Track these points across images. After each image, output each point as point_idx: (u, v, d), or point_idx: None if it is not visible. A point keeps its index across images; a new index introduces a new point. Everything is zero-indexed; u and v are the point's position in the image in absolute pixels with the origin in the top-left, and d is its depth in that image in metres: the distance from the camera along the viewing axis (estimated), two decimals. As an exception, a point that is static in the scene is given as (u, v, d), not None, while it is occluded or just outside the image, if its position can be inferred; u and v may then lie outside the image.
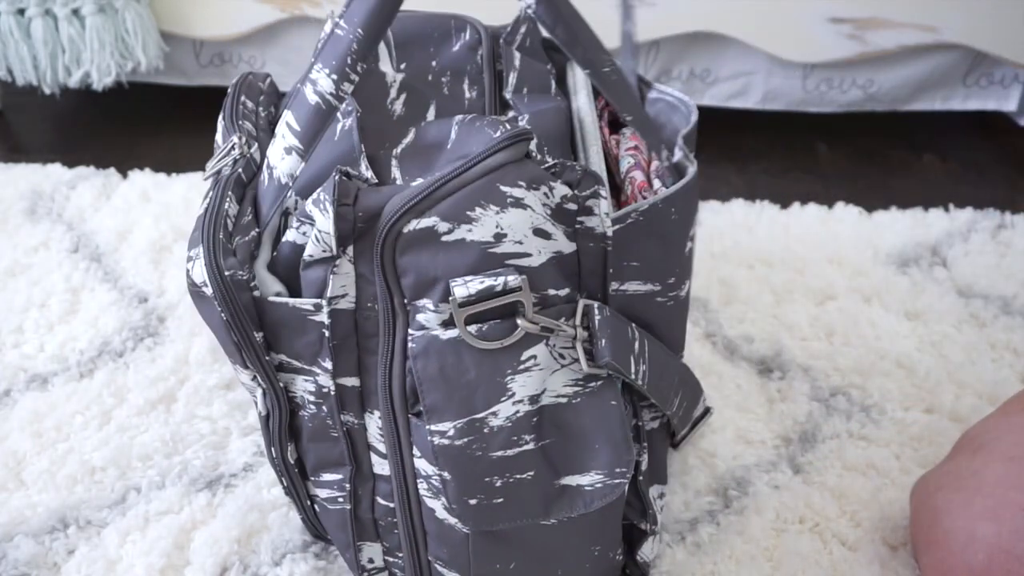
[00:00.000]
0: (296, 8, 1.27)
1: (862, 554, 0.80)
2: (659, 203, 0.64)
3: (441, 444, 0.62)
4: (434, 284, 0.59)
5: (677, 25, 1.23)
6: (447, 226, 0.58)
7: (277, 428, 0.67)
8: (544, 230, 0.60)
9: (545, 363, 0.62)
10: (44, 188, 1.22)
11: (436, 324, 0.60)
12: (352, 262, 0.61)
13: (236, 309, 0.61)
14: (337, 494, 0.70)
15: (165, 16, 1.29)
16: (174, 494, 0.85)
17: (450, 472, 0.62)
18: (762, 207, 1.18)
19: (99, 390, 0.94)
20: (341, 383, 0.65)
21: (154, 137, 1.38)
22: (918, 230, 1.14)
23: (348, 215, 0.59)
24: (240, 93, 0.74)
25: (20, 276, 1.09)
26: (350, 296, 0.62)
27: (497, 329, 0.60)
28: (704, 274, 1.08)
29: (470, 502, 0.63)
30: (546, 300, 0.61)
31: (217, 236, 0.61)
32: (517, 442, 0.62)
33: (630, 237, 0.63)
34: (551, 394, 0.63)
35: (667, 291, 0.67)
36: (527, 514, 0.64)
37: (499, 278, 0.59)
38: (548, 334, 0.61)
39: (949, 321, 1.02)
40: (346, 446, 0.67)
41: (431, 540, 0.68)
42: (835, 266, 1.09)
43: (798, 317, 1.02)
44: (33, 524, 0.83)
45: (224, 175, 0.66)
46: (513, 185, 0.59)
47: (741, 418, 0.91)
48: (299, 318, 0.62)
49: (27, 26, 1.25)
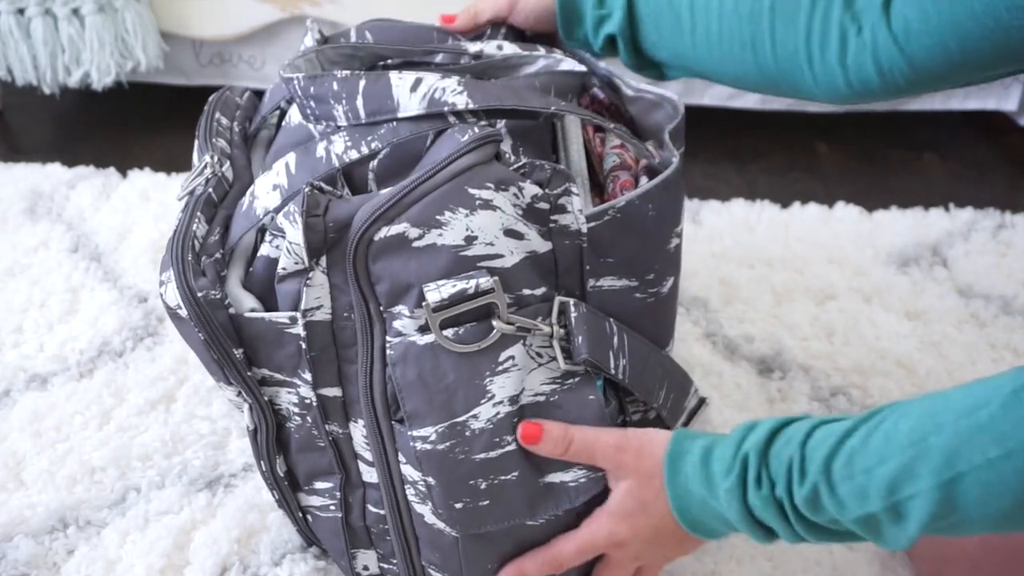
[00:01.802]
0: (296, 8, 1.26)
1: (862, 554, 0.80)
2: (636, 199, 0.64)
3: (424, 449, 0.62)
4: (408, 290, 0.60)
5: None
6: (417, 232, 0.58)
7: (265, 442, 0.67)
8: (516, 230, 0.60)
9: (523, 363, 0.62)
10: (44, 188, 1.22)
11: (413, 330, 0.60)
12: (325, 273, 0.61)
13: (212, 328, 0.61)
14: (329, 502, 0.70)
15: (165, 16, 1.29)
16: (174, 494, 0.85)
17: (434, 477, 0.62)
18: (762, 207, 1.18)
19: (99, 390, 0.94)
20: (323, 394, 0.65)
21: (154, 137, 1.37)
22: (918, 230, 1.14)
23: (318, 226, 0.59)
24: (215, 110, 0.74)
25: (20, 276, 1.09)
26: (326, 307, 0.62)
27: (473, 332, 0.60)
28: (704, 274, 1.08)
29: (456, 506, 0.63)
30: (522, 300, 0.61)
31: (186, 258, 0.61)
32: (499, 443, 0.62)
33: (607, 234, 0.63)
34: (529, 393, 0.63)
35: (646, 287, 0.67)
36: (513, 515, 0.64)
37: (471, 281, 0.59)
38: (525, 334, 0.61)
39: (949, 321, 1.01)
40: (334, 455, 0.67)
41: (423, 545, 0.68)
42: (835, 266, 1.09)
43: (798, 317, 1.02)
44: (33, 524, 0.82)
45: (196, 195, 0.66)
46: (481, 187, 0.59)
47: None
48: (276, 332, 0.62)
49: (27, 26, 1.25)
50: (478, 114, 0.64)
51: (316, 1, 1.26)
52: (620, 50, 0.78)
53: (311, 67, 0.73)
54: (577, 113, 0.67)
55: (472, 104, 0.63)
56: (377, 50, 0.74)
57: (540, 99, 0.66)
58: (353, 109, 0.65)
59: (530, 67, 0.72)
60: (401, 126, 0.65)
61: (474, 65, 0.71)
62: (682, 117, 0.73)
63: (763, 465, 0.58)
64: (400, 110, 0.64)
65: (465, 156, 0.60)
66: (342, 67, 0.74)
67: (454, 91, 0.63)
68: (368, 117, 0.65)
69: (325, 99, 0.66)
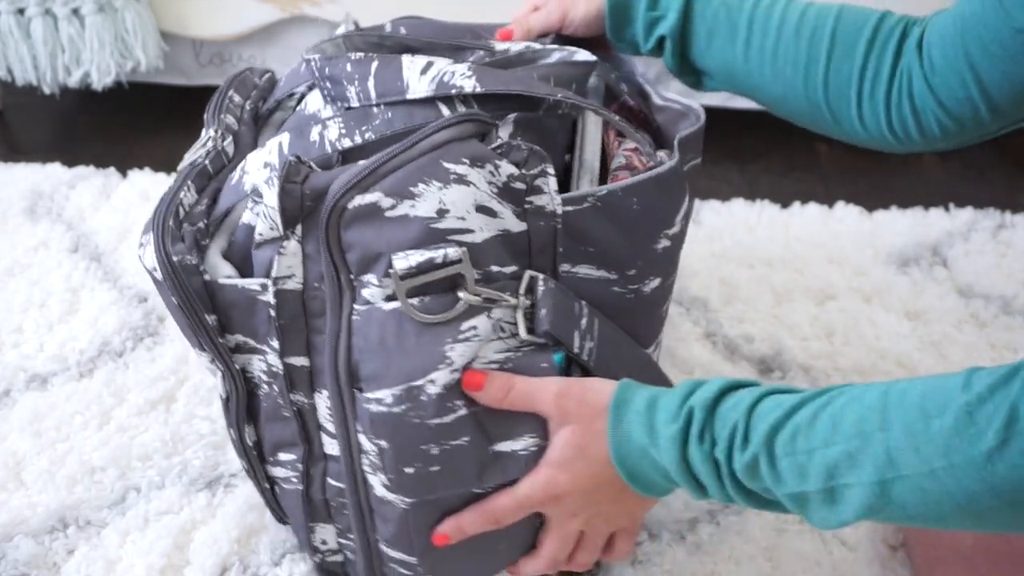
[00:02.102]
0: (296, 8, 1.26)
1: (862, 554, 0.80)
2: (619, 191, 0.65)
3: (378, 412, 0.62)
4: (378, 259, 0.60)
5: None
6: (390, 201, 0.59)
7: (235, 410, 0.68)
8: (489, 208, 0.61)
9: (485, 334, 0.62)
10: (44, 188, 1.22)
11: (380, 299, 0.61)
12: (300, 242, 0.62)
13: (186, 292, 0.62)
14: (291, 474, 0.71)
15: (165, 16, 1.29)
16: (174, 494, 0.85)
17: (387, 440, 0.63)
18: (762, 207, 1.18)
19: (99, 390, 0.94)
20: (290, 363, 0.65)
21: (154, 137, 1.37)
22: (918, 230, 1.14)
23: (295, 192, 0.60)
24: (230, 87, 0.76)
25: (20, 276, 1.09)
26: (297, 277, 0.63)
27: (439, 302, 0.61)
28: (704, 274, 1.08)
29: (407, 471, 0.64)
30: (490, 276, 0.62)
31: (167, 223, 0.63)
32: (452, 408, 0.63)
33: (586, 221, 0.64)
34: (481, 360, 0.63)
35: (626, 283, 0.67)
36: (463, 481, 0.64)
37: (439, 251, 0.60)
38: (491, 305, 0.62)
39: (949, 321, 1.01)
40: (298, 426, 0.68)
41: (377, 520, 0.69)
42: (835, 266, 1.09)
43: (798, 317, 1.02)
44: (33, 524, 0.82)
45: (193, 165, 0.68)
46: (456, 162, 0.60)
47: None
48: (248, 299, 0.63)
49: (27, 26, 1.25)
50: (483, 101, 0.65)
51: (316, 1, 1.26)
52: (667, 52, 0.79)
53: (337, 51, 0.74)
54: (580, 103, 0.67)
55: (480, 88, 0.64)
56: (406, 42, 0.75)
57: (545, 88, 0.67)
58: (365, 90, 0.66)
59: (546, 59, 0.73)
60: (396, 117, 0.65)
61: (493, 60, 0.72)
62: (700, 125, 0.74)
63: (708, 423, 0.59)
64: (409, 92, 0.65)
65: (444, 131, 0.61)
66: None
67: (463, 75, 0.64)
68: (379, 98, 0.66)
69: (339, 80, 0.67)
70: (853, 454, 0.54)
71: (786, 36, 0.74)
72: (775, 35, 0.74)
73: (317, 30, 1.28)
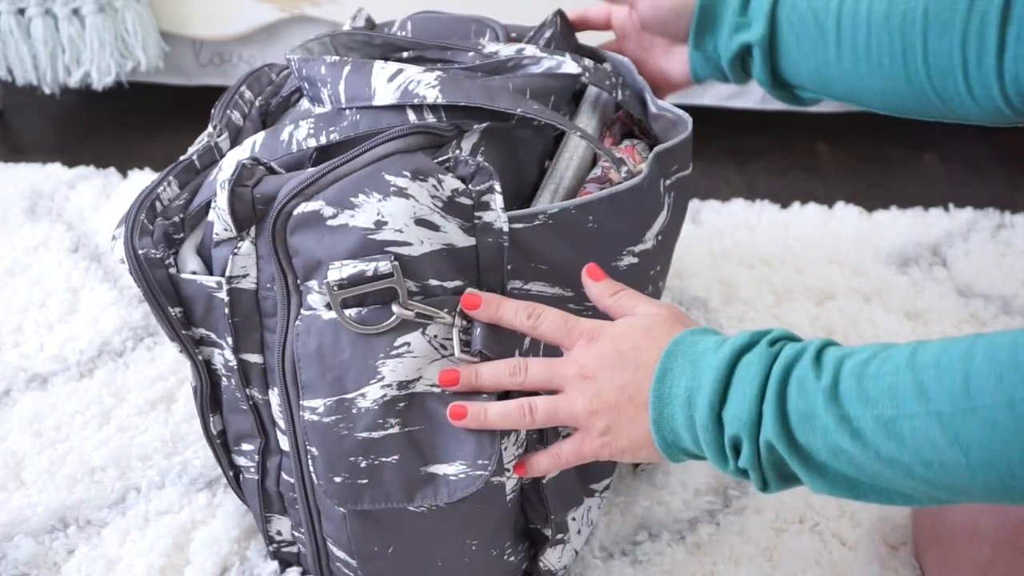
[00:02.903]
0: (296, 8, 1.27)
1: (862, 553, 0.80)
2: (572, 208, 0.64)
3: (311, 420, 0.63)
4: (319, 267, 0.61)
5: (677, 25, 1.23)
6: (332, 210, 0.60)
7: (200, 399, 0.70)
8: (430, 221, 0.61)
9: (420, 351, 0.62)
10: (44, 188, 1.22)
11: (321, 306, 0.62)
12: (254, 243, 0.63)
13: (150, 284, 0.64)
14: (251, 464, 0.72)
15: (165, 16, 1.29)
16: (174, 494, 0.85)
17: (317, 448, 0.64)
18: (762, 207, 1.18)
19: (99, 390, 0.94)
20: (244, 359, 0.67)
21: (154, 137, 1.38)
22: (918, 230, 1.14)
23: (246, 196, 0.62)
24: (243, 84, 0.77)
25: (20, 276, 1.09)
26: (251, 276, 0.64)
27: (374, 315, 0.61)
28: (704, 274, 1.08)
29: (335, 479, 0.64)
30: (428, 290, 0.62)
31: (139, 217, 0.65)
32: (383, 425, 0.63)
33: (537, 238, 0.63)
34: (426, 382, 0.63)
35: (582, 299, 0.66)
36: (391, 497, 0.64)
37: (371, 264, 0.60)
38: (426, 321, 0.62)
39: (949, 321, 1.01)
40: (255, 419, 0.69)
41: (324, 518, 0.70)
42: (835, 266, 1.09)
43: (798, 317, 1.02)
44: (33, 524, 0.82)
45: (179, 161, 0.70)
46: (397, 175, 0.60)
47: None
48: (206, 295, 0.65)
49: (27, 26, 1.25)
50: (445, 109, 0.65)
51: (316, 1, 1.26)
52: (755, 63, 0.77)
53: (323, 50, 0.75)
54: (544, 116, 0.67)
55: (441, 99, 0.64)
56: (396, 42, 0.75)
57: (510, 100, 0.66)
58: (336, 94, 0.67)
59: (533, 68, 0.72)
60: (363, 120, 0.66)
61: (479, 64, 0.71)
62: (686, 135, 0.73)
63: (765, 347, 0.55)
64: (375, 98, 0.66)
65: (389, 143, 0.62)
66: (359, 54, 0.75)
67: (428, 84, 0.65)
68: (348, 102, 0.67)
69: (314, 81, 0.69)
70: (924, 384, 0.49)
71: (876, 27, 0.71)
72: (865, 28, 0.71)
73: (317, 30, 1.28)
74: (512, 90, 0.68)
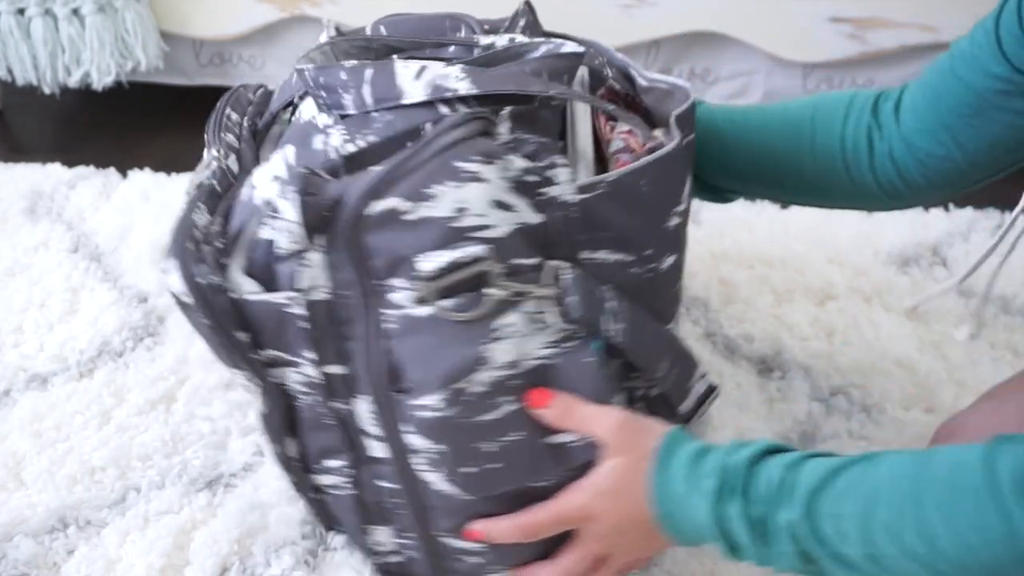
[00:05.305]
0: (296, 8, 1.27)
1: (862, 554, 0.79)
2: (627, 174, 0.66)
3: (429, 417, 0.63)
4: (402, 263, 0.61)
5: (678, 25, 1.23)
6: (408, 205, 0.60)
7: (277, 424, 0.69)
8: (505, 202, 0.62)
9: (520, 328, 0.63)
10: (44, 188, 1.22)
11: (409, 302, 0.62)
12: (322, 252, 0.62)
13: (216, 313, 0.63)
14: (341, 480, 0.71)
15: (165, 16, 1.29)
16: (174, 494, 0.85)
17: (444, 443, 0.64)
18: (762, 206, 1.18)
19: (99, 390, 0.94)
20: (327, 371, 0.66)
21: (154, 137, 1.37)
22: (918, 230, 1.14)
23: (313, 204, 0.61)
24: (226, 107, 0.76)
25: (20, 276, 1.09)
26: (323, 286, 0.63)
27: (469, 301, 0.62)
28: (704, 274, 1.08)
29: (467, 471, 0.65)
30: (514, 269, 0.63)
31: (186, 246, 0.63)
32: (500, 406, 0.64)
33: (599, 207, 0.65)
34: (530, 358, 0.64)
35: (643, 263, 0.68)
36: (522, 476, 0.65)
37: (463, 250, 0.60)
38: (520, 299, 0.63)
39: (949, 321, 1.01)
40: (342, 432, 0.69)
41: (436, 514, 0.69)
42: (835, 266, 1.09)
43: (798, 317, 1.02)
44: (33, 524, 0.83)
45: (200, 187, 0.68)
46: (468, 160, 0.61)
47: (741, 417, 0.91)
48: (277, 312, 0.64)
49: (27, 26, 1.25)
50: (478, 100, 0.65)
51: (316, 1, 1.26)
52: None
53: (325, 59, 0.75)
54: (574, 95, 0.68)
55: (475, 89, 0.65)
56: (391, 43, 0.76)
57: (539, 83, 0.67)
58: (360, 97, 0.67)
59: (533, 53, 0.73)
60: (397, 119, 0.66)
61: (481, 56, 0.72)
62: (690, 103, 0.74)
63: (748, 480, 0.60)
64: (404, 97, 0.66)
65: (452, 131, 0.62)
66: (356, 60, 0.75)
67: (456, 77, 0.65)
68: (375, 104, 0.67)
69: (334, 88, 0.68)
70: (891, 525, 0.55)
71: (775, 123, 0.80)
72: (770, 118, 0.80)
73: (317, 30, 1.28)
74: (530, 74, 0.69)
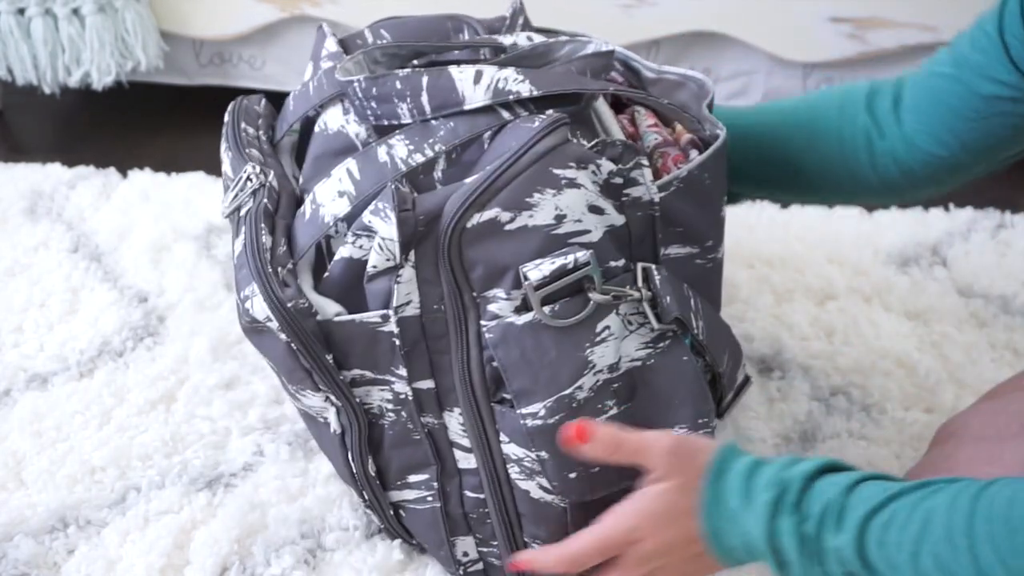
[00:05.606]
0: (296, 8, 1.27)
1: (862, 554, 0.79)
2: (695, 169, 0.68)
3: (535, 425, 0.64)
4: (504, 273, 0.62)
5: (677, 25, 1.23)
6: (509, 215, 0.61)
7: (357, 442, 0.69)
8: (598, 206, 0.63)
9: (619, 331, 0.64)
10: (44, 188, 1.22)
11: (509, 311, 0.63)
12: (414, 268, 0.63)
13: (305, 336, 0.63)
14: (426, 494, 0.72)
15: (165, 16, 1.29)
16: (174, 494, 0.85)
17: (547, 451, 0.65)
18: (762, 206, 1.18)
19: (99, 390, 0.94)
20: (417, 387, 0.66)
21: (154, 137, 1.37)
22: (918, 230, 1.14)
23: (409, 220, 0.61)
24: (239, 120, 0.75)
25: (20, 276, 1.09)
26: (415, 302, 0.64)
27: (570, 306, 0.62)
28: (704, 274, 1.08)
29: (570, 476, 0.65)
30: (608, 272, 0.64)
31: (267, 271, 0.63)
32: (602, 409, 0.64)
33: (675, 203, 0.67)
34: (627, 359, 0.65)
35: (705, 253, 0.71)
36: (623, 478, 0.66)
37: (568, 256, 0.61)
38: (618, 303, 0.64)
39: (949, 321, 1.01)
40: (430, 446, 0.69)
41: (526, 522, 0.70)
42: (835, 266, 1.09)
43: (798, 317, 1.02)
44: (33, 524, 0.83)
45: (251, 208, 0.67)
46: (564, 167, 0.62)
47: (741, 417, 0.91)
48: (368, 332, 0.64)
49: (27, 26, 1.25)
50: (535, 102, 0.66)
51: (316, 1, 1.26)
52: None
53: (359, 69, 0.73)
54: (632, 93, 0.70)
55: (536, 91, 0.65)
56: (417, 47, 0.75)
57: (594, 82, 0.69)
58: (419, 106, 0.67)
59: (559, 51, 0.73)
60: (459, 125, 0.66)
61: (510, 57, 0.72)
62: (712, 94, 0.76)
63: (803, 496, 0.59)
64: (466, 103, 0.66)
65: (544, 139, 0.62)
66: (386, 66, 0.74)
67: (516, 80, 0.65)
68: (434, 111, 0.67)
69: (389, 98, 0.67)
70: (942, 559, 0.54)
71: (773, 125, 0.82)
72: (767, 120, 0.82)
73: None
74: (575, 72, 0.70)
